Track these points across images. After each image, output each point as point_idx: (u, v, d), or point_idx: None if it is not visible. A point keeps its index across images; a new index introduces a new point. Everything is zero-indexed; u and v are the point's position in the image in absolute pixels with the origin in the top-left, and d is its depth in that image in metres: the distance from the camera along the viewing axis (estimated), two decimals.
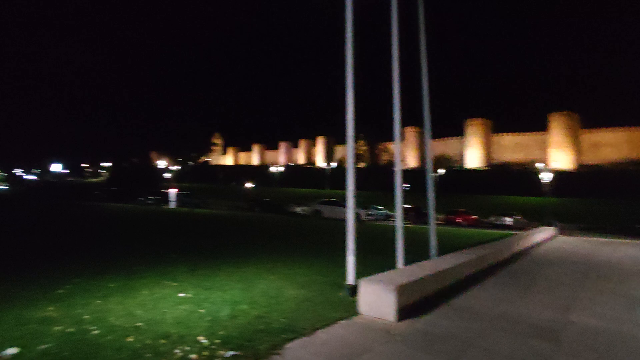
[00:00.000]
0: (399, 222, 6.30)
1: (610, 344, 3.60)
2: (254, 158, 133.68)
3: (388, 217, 29.51)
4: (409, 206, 30.19)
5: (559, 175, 60.92)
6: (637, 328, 4.11)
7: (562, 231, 22.44)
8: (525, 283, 6.46)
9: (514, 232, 18.47)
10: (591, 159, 79.92)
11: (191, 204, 31.13)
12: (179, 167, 71.65)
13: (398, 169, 6.40)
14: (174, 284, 4.99)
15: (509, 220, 28.84)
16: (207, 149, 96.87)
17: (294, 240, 11.70)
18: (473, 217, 30.95)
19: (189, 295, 4.54)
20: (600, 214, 37.36)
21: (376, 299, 4.15)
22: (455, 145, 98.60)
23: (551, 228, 19.39)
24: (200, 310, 3.99)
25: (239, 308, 4.16)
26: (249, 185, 69.77)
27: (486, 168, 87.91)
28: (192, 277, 5.44)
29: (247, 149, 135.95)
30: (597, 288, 6.29)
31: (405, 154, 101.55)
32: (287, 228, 15.82)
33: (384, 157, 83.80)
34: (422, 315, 4.29)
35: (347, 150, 5.61)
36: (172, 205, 29.59)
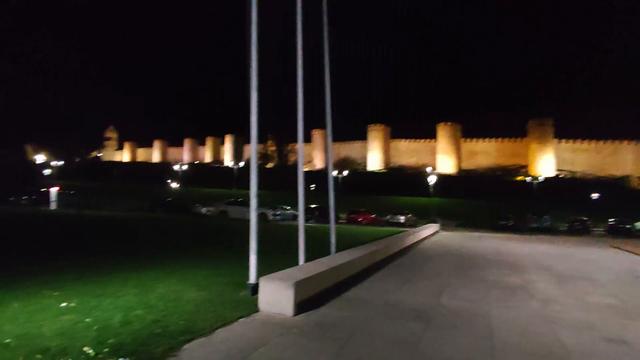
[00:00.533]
0: (301, 221, 6.61)
1: (468, 320, 4.37)
2: (154, 155, 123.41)
3: (295, 217, 30.10)
4: (314, 206, 31.24)
5: (444, 178, 69.19)
6: (488, 306, 5.03)
7: (444, 227, 25.67)
8: (408, 274, 7.34)
9: (405, 229, 20.53)
10: (469, 164, 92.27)
11: (78, 204, 27.68)
12: (62, 163, 62.86)
13: (300, 170, 6.71)
14: (56, 293, 4.53)
15: (402, 219, 31.88)
16: (99, 144, 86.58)
17: (197, 242, 11.32)
18: (372, 216, 33.38)
19: (72, 304, 4.17)
20: (474, 212, 43.47)
21: (275, 296, 4.36)
22: (359, 149, 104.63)
23: (435, 225, 22.06)
24: (87, 320, 3.71)
25: (133, 314, 3.98)
26: (175, 185, 64.56)
27: (385, 171, 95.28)
28: (80, 284, 4.99)
29: (147, 144, 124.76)
30: (465, 275, 7.45)
31: (313, 155, 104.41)
32: (190, 230, 15.17)
33: (292, 158, 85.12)
34: (318, 308, 4.62)
35: (251, 150, 5.72)
36: (53, 206, 25.95)
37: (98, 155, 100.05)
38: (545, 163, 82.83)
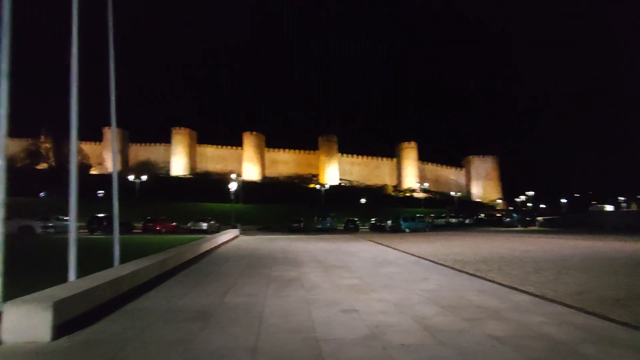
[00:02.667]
0: (72, 231, 5.79)
1: (244, 313, 4.85)
2: None
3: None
4: (102, 215, 27.28)
5: (249, 185, 72.13)
6: (264, 298, 5.69)
7: (243, 232, 26.83)
8: (199, 279, 7.46)
9: (206, 235, 20.41)
10: (272, 172, 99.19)
11: None
12: None
13: (73, 170, 5.87)
14: None
15: (204, 225, 31.44)
16: None
17: None
18: (172, 224, 31.59)
19: None
20: (274, 216, 47.09)
21: (26, 322, 3.72)
22: (161, 152, 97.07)
23: (235, 230, 22.84)
24: None
25: None
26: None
27: (190, 176, 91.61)
28: None
29: None
30: (252, 274, 8.11)
31: (105, 156, 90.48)
32: None
33: (77, 159, 71.00)
34: (89, 326, 4.21)
35: None
36: None
37: None
38: (331, 173, 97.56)
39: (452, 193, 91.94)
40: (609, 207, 73.92)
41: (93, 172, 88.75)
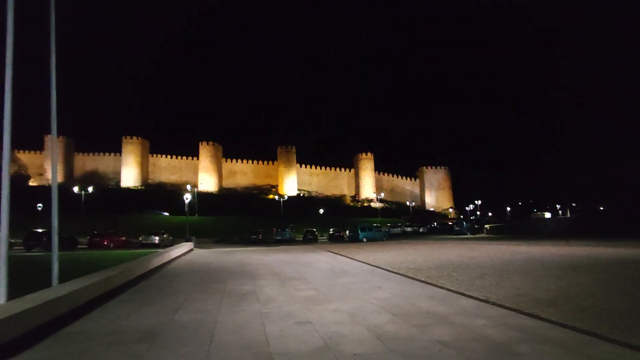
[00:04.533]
0: (2, 248, 5.34)
1: (194, 330, 4.69)
2: None
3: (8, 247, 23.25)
4: (41, 230, 25.30)
5: (205, 196, 70.02)
6: (217, 314, 5.54)
7: (199, 245, 25.94)
8: (148, 296, 7.11)
9: (156, 250, 19.50)
10: (229, 183, 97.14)
11: None
12: None
13: (5, 183, 5.43)
14: None
15: (157, 239, 29.99)
16: None
17: None
18: (122, 238, 29.88)
19: None
20: (232, 228, 45.99)
21: None
22: (111, 162, 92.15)
23: (189, 243, 22.03)
24: None
25: None
26: None
27: (142, 187, 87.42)
28: None
29: None
30: (206, 289, 7.86)
31: (46, 167, 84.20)
32: None
33: (12, 169, 65.37)
34: (20, 354, 3.88)
35: None
36: None
37: None
38: (290, 183, 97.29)
39: (408, 203, 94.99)
40: (548, 215, 79.87)
41: (32, 183, 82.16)
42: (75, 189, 61.34)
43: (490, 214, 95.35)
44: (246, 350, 3.87)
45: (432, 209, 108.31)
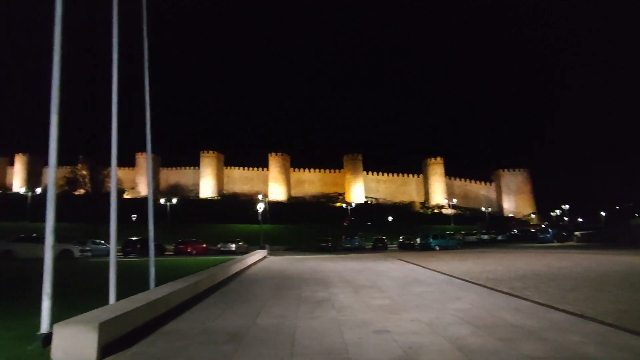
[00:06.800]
0: (112, 254, 6.13)
1: (275, 334, 4.93)
2: None
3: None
4: (136, 238, 28.25)
5: (275, 205, 72.84)
6: (296, 319, 5.75)
7: (271, 252, 27.02)
8: (231, 300, 7.61)
9: (234, 256, 20.73)
10: (297, 192, 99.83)
11: None
12: None
13: (113, 197, 6.25)
14: None
15: (233, 247, 31.94)
16: None
17: None
18: (202, 245, 32.29)
19: None
20: (301, 236, 47.15)
21: (74, 342, 3.95)
22: (191, 175, 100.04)
23: (263, 250, 23.07)
24: None
25: None
26: None
27: (218, 198, 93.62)
28: None
29: None
30: (283, 295, 8.19)
31: (137, 181, 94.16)
32: None
33: (109, 184, 74.16)
34: (130, 347, 4.40)
35: (49, 174, 5.06)
36: None
37: None
38: (357, 191, 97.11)
39: (483, 209, 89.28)
40: None
41: (127, 196, 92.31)
42: (162, 201, 67.73)
43: (580, 219, 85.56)
44: (327, 356, 3.97)
45: (511, 215, 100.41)
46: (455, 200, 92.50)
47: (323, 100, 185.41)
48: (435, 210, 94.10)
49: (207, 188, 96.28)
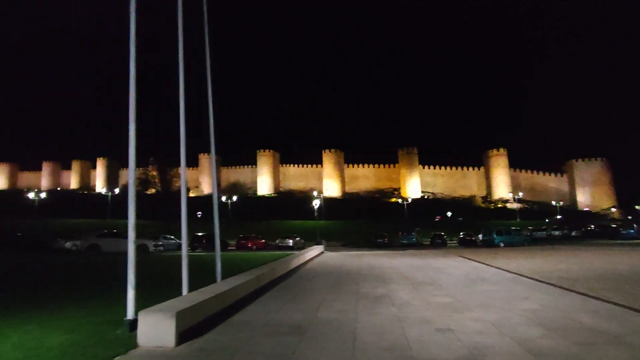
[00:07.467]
0: (184, 250, 6.62)
1: (337, 328, 5.03)
2: None
3: (180, 247, 28.39)
4: (201, 234, 30.04)
5: (330, 201, 73.41)
6: (355, 314, 5.81)
7: (328, 248, 27.34)
8: (292, 294, 7.86)
9: (293, 252, 21.28)
10: (352, 188, 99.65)
11: None
12: None
13: (184, 195, 6.73)
14: None
15: (291, 242, 32.82)
16: None
17: (60, 282, 10.00)
18: (262, 241, 33.55)
19: None
20: (356, 232, 47.08)
21: (156, 329, 4.36)
22: (249, 174, 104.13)
23: (320, 246, 23.42)
24: None
25: None
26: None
27: (275, 195, 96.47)
28: None
29: None
30: (341, 290, 8.29)
31: (200, 180, 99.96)
32: (51, 269, 13.20)
33: (177, 184, 79.94)
34: (202, 335, 4.75)
35: (129, 175, 5.59)
36: None
37: None
38: (413, 186, 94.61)
39: (553, 202, 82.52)
40: None
41: (191, 194, 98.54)
42: (223, 199, 71.37)
43: None
44: (389, 353, 3.97)
45: (586, 209, 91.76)
46: (521, 194, 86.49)
47: (377, 95, 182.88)
48: (499, 205, 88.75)
49: (264, 185, 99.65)
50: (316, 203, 44.80)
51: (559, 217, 67.55)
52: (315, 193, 64.86)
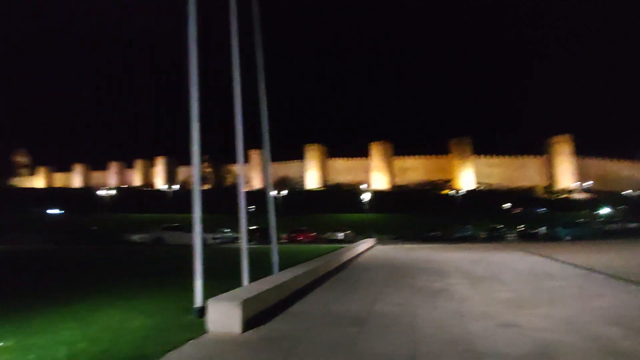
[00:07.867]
0: (243, 243, 6.91)
1: (396, 321, 5.02)
2: (75, 180, 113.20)
3: (235, 240, 29.70)
4: (255, 227, 31.12)
5: (378, 194, 72.56)
6: (414, 308, 5.75)
7: (380, 242, 27.13)
8: (347, 286, 7.94)
9: (344, 245, 21.40)
10: (401, 180, 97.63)
11: None
12: None
13: (241, 191, 7.02)
14: None
15: (340, 235, 33.04)
16: (10, 170, 77.54)
17: (134, 271, 10.93)
18: (312, 234, 34.08)
19: (9, 343, 4.07)
20: (407, 225, 46.18)
21: (223, 316, 4.64)
22: (296, 168, 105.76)
23: (371, 239, 23.33)
24: (30, 357, 3.69)
25: (77, 347, 3.99)
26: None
27: (323, 189, 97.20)
28: (8, 324, 4.78)
29: (65, 169, 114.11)
30: (397, 284, 8.23)
31: (250, 175, 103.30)
32: (125, 259, 14.45)
33: (229, 179, 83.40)
34: (265, 324, 4.96)
35: (194, 173, 5.92)
36: None
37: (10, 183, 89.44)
38: (466, 177, 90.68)
39: (631, 190, 75.11)
40: None
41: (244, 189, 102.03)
42: (274, 193, 73.29)
43: None
44: (452, 346, 3.91)
45: None
46: (589, 183, 79.66)
47: (426, 83, 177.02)
48: (564, 195, 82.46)
49: (312, 179, 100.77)
50: (366, 196, 44.52)
51: (621, 207, 60.70)
52: (364, 186, 64.44)
